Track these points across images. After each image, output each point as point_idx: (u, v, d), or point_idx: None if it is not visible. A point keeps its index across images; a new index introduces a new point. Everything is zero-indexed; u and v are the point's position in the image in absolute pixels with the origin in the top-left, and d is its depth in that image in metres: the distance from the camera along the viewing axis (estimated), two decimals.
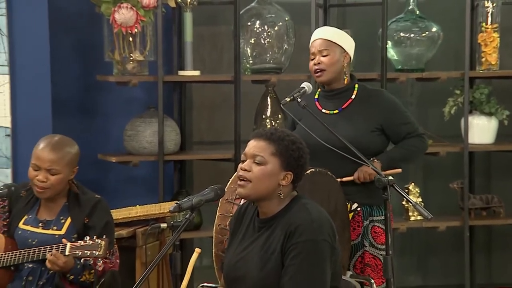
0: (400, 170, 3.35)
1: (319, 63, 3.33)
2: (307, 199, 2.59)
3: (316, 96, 3.45)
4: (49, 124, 4.08)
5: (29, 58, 4.06)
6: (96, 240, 2.96)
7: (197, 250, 2.55)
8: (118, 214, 3.73)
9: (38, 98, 4.09)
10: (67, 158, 3.12)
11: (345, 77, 3.38)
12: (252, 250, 2.55)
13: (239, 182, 2.55)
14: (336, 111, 3.37)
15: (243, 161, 2.56)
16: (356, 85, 3.40)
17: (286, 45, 4.39)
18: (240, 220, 2.66)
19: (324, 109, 3.39)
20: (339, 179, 3.27)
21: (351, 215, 3.35)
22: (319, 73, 3.34)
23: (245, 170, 2.53)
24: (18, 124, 4.08)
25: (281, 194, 2.53)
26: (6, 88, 4.06)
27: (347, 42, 3.39)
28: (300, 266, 2.44)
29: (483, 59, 4.50)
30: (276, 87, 4.40)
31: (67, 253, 2.95)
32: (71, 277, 3.04)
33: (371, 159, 3.26)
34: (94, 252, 2.94)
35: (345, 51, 3.36)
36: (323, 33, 3.39)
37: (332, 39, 3.34)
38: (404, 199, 4.09)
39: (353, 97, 3.38)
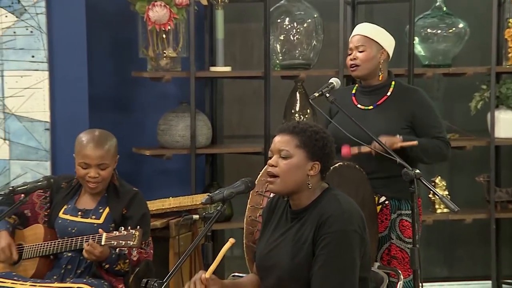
0: (416, 142, 3.28)
1: (354, 59, 3.36)
2: (338, 190, 2.61)
3: (354, 91, 3.47)
4: (86, 119, 4.14)
5: (67, 55, 4.13)
6: (131, 230, 3.01)
7: (231, 240, 2.56)
8: (152, 205, 3.77)
9: (75, 94, 4.16)
10: (112, 151, 3.22)
11: (380, 74, 3.39)
12: (284, 240, 2.58)
13: (268, 179, 2.58)
14: (371, 106, 3.38)
15: (271, 157, 2.59)
16: (393, 82, 3.41)
17: (314, 42, 4.42)
18: (272, 211, 2.69)
19: (360, 104, 3.41)
20: (357, 149, 3.25)
21: (379, 207, 3.36)
22: (353, 68, 3.38)
23: (273, 165, 2.56)
24: (57, 119, 4.16)
25: (309, 184, 2.56)
26: (45, 84, 4.14)
27: (386, 39, 3.39)
28: (330, 255, 2.46)
29: (510, 55, 4.51)
30: (305, 82, 4.43)
31: (103, 243, 3.02)
32: (107, 265, 3.12)
33: (396, 135, 3.26)
34: (128, 242, 3.00)
35: (383, 48, 3.37)
36: (362, 29, 3.41)
37: (370, 35, 3.37)
38: (431, 192, 4.17)
39: (388, 94, 3.39)
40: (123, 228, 3.04)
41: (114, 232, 3.04)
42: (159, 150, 4.38)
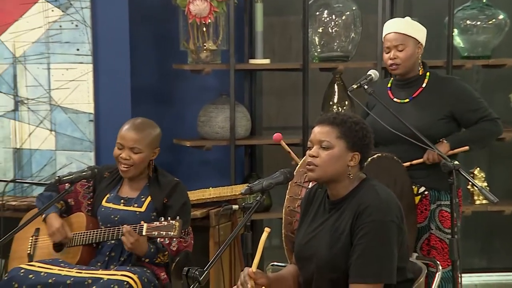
0: (467, 147, 3.31)
1: (395, 58, 3.32)
2: (376, 181, 2.62)
3: (389, 85, 3.46)
4: (128, 110, 4.21)
5: (110, 48, 4.21)
6: (171, 221, 3.04)
7: (267, 229, 2.55)
8: (192, 195, 3.81)
9: (118, 86, 4.23)
10: (148, 139, 3.27)
11: (420, 69, 3.38)
12: (322, 231, 2.60)
13: (307, 167, 2.60)
14: (407, 100, 3.37)
15: (310, 148, 2.61)
16: (428, 73, 3.39)
17: (353, 34, 4.42)
18: (310, 202, 2.71)
19: (396, 98, 3.39)
20: (408, 163, 3.27)
21: (418, 198, 3.37)
22: (394, 67, 3.34)
23: (313, 156, 2.58)
24: (101, 110, 4.24)
25: (350, 174, 2.57)
26: (90, 76, 4.22)
27: (421, 33, 3.36)
28: (368, 245, 2.46)
29: None
30: (343, 74, 4.44)
31: (144, 233, 3.07)
32: (147, 260, 3.19)
33: (440, 140, 3.27)
34: (169, 232, 3.03)
35: (419, 42, 3.34)
36: (397, 27, 3.35)
37: (407, 32, 3.32)
38: (470, 183, 4.16)
39: (424, 85, 3.37)
40: (163, 219, 3.08)
41: (155, 222, 3.08)
42: (199, 141, 4.42)
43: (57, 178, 3.23)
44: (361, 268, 2.48)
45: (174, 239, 3.12)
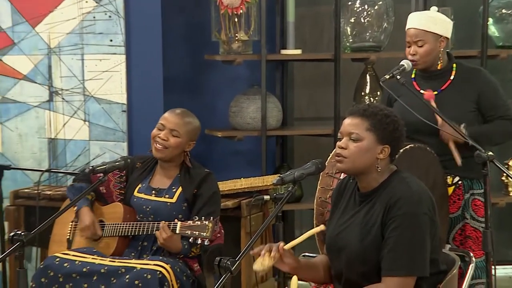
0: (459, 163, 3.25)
1: (414, 54, 3.29)
2: (407, 173, 2.60)
3: (413, 76, 3.42)
4: (160, 101, 4.22)
5: (143, 39, 4.22)
6: (204, 221, 3.05)
7: (322, 227, 2.60)
8: (224, 186, 3.86)
9: (151, 76, 4.25)
10: (189, 127, 3.32)
11: (439, 63, 3.33)
12: (353, 223, 2.59)
13: (336, 158, 2.60)
14: (436, 92, 3.32)
15: (340, 139, 2.61)
16: (454, 65, 3.35)
17: (385, 24, 4.39)
18: (341, 193, 2.71)
19: (423, 89, 3.35)
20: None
21: (452, 188, 3.34)
22: (414, 62, 3.31)
23: (342, 148, 2.58)
24: (133, 101, 4.26)
25: (378, 167, 2.56)
26: (123, 67, 4.24)
27: (442, 26, 3.30)
28: (399, 238, 2.46)
29: None
30: (375, 65, 4.42)
31: (177, 231, 3.10)
32: (181, 256, 3.24)
33: (463, 125, 3.22)
34: (202, 233, 3.05)
35: (441, 36, 3.28)
36: (416, 22, 3.30)
37: (426, 27, 3.27)
38: (504, 174, 4.11)
39: (452, 78, 3.34)
40: (197, 218, 3.09)
41: (189, 222, 3.10)
42: (230, 131, 4.44)
43: (90, 168, 3.26)
44: (393, 261, 2.47)
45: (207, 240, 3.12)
